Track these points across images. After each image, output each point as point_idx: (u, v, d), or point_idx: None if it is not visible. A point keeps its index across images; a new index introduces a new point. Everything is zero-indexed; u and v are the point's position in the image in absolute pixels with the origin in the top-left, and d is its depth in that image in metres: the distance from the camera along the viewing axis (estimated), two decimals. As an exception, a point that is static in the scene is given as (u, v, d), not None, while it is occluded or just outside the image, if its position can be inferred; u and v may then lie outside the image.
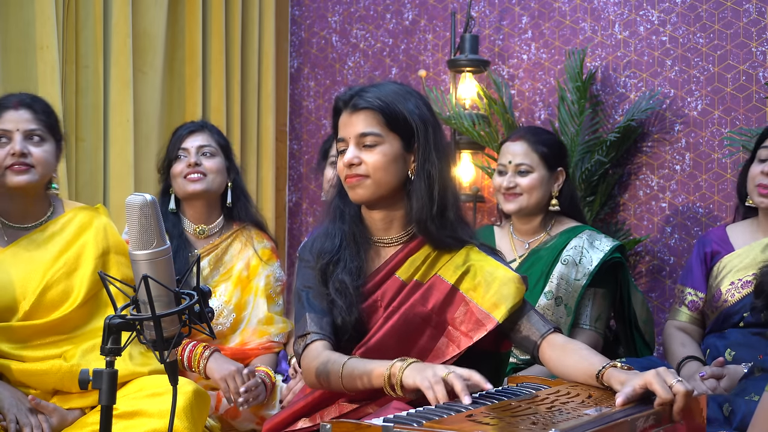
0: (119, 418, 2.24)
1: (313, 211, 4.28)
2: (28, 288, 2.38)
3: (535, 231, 2.92)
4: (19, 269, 2.40)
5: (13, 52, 3.11)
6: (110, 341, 1.49)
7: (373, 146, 2.00)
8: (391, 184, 2.02)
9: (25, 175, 2.38)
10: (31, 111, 2.42)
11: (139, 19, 3.53)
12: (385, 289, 2.06)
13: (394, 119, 2.01)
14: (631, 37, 3.70)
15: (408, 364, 1.81)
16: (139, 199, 1.53)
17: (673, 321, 2.95)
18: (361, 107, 2.01)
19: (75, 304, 2.41)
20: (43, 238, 2.46)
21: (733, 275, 2.82)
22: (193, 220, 2.96)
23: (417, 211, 2.02)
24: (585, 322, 2.81)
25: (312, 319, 2.00)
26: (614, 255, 2.82)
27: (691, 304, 2.92)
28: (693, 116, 3.59)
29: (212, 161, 2.92)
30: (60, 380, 2.36)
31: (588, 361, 1.87)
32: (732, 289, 2.80)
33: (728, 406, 2.40)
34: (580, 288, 2.77)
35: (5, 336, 2.35)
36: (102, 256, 2.48)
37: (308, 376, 1.96)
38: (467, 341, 2.00)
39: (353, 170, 2.00)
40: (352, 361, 1.90)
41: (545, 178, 2.86)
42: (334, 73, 4.25)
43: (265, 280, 2.98)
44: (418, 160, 2.03)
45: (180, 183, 2.90)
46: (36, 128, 2.41)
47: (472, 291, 2.04)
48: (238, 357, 2.86)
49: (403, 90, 2.06)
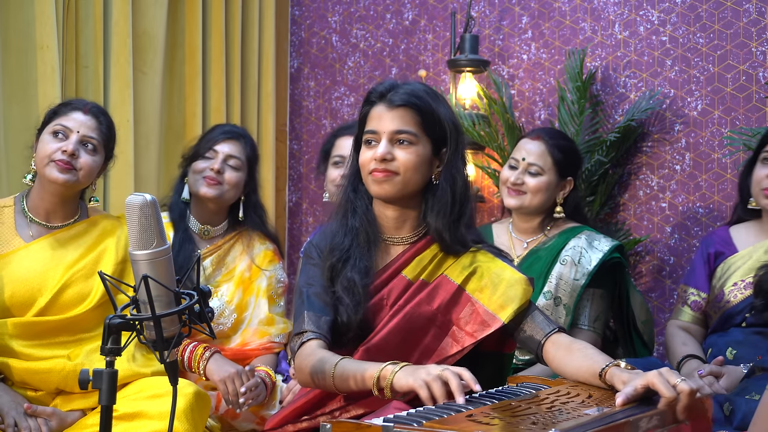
0: (119, 420, 2.24)
1: (313, 211, 4.28)
2: (47, 285, 2.42)
3: (534, 231, 2.92)
4: (40, 265, 2.44)
5: (13, 52, 3.11)
6: (110, 341, 1.49)
7: (407, 145, 2.00)
8: (416, 185, 2.03)
9: (66, 174, 2.42)
10: (96, 120, 2.50)
11: (139, 19, 3.53)
12: (391, 287, 2.06)
13: (430, 121, 2.02)
14: (631, 37, 3.70)
15: (400, 367, 1.80)
16: (139, 199, 1.53)
17: (675, 320, 2.95)
18: (399, 104, 2.00)
19: (90, 305, 2.44)
20: (67, 238, 2.50)
21: (736, 276, 2.82)
22: (198, 219, 2.96)
23: (435, 217, 2.03)
24: (584, 322, 2.81)
25: (310, 317, 2.00)
26: (614, 255, 2.81)
27: (693, 304, 2.92)
28: (693, 116, 3.59)
29: (234, 174, 2.92)
30: (63, 379, 2.37)
31: (591, 360, 1.87)
32: (735, 290, 2.81)
33: (729, 405, 2.40)
34: (579, 288, 2.77)
35: (18, 330, 2.38)
36: (121, 263, 2.53)
37: (302, 374, 1.96)
38: (470, 339, 2.00)
39: (384, 165, 1.99)
40: (345, 361, 1.89)
41: (553, 183, 2.85)
42: (334, 73, 4.25)
43: (267, 281, 2.98)
44: (444, 166, 2.03)
45: (196, 180, 2.91)
46: (94, 137, 2.48)
47: (479, 292, 2.04)
48: (239, 357, 2.86)
49: (433, 92, 2.06)
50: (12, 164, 3.06)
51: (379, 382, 1.81)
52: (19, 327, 2.38)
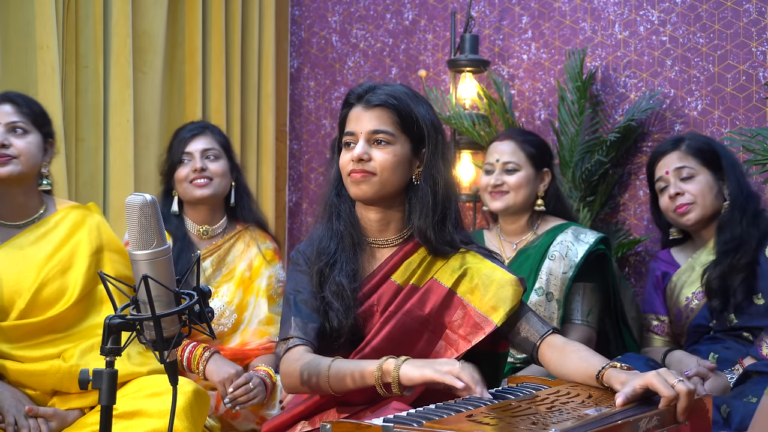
0: (119, 418, 2.24)
1: (313, 211, 4.27)
2: (23, 286, 2.38)
3: (521, 231, 2.96)
4: (13, 268, 2.40)
5: (13, 52, 3.11)
6: (110, 341, 1.49)
7: (384, 145, 2.00)
8: (395, 186, 2.02)
9: (7, 166, 2.39)
10: (13, 104, 2.45)
11: (139, 19, 3.53)
12: (381, 293, 2.04)
13: (408, 121, 2.01)
14: (631, 37, 3.70)
15: (403, 360, 1.80)
16: (139, 199, 1.53)
17: (647, 349, 2.98)
18: (376, 104, 2.00)
19: (70, 301, 2.41)
20: (36, 236, 2.46)
21: (687, 290, 2.88)
22: (196, 221, 2.96)
23: (418, 218, 2.02)
24: (577, 317, 2.84)
25: (296, 323, 1.98)
26: (599, 246, 2.85)
27: (657, 328, 2.98)
28: (693, 116, 3.58)
29: (217, 164, 2.92)
30: (59, 381, 2.36)
31: (588, 362, 1.87)
32: (690, 302, 2.86)
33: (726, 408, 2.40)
34: (567, 280, 2.82)
35: (3, 336, 2.35)
36: (96, 254, 2.48)
37: (289, 378, 1.94)
38: (465, 345, 2.00)
39: (361, 166, 1.99)
40: (339, 360, 1.89)
41: (532, 177, 2.92)
42: (334, 73, 4.25)
43: (267, 280, 2.98)
44: (424, 166, 2.03)
45: (186, 188, 2.90)
46: (18, 120, 2.44)
47: (470, 294, 2.03)
48: (239, 357, 2.86)
49: (413, 93, 2.06)
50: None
51: (384, 377, 1.80)
52: (3, 332, 2.35)
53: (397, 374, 1.79)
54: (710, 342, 2.80)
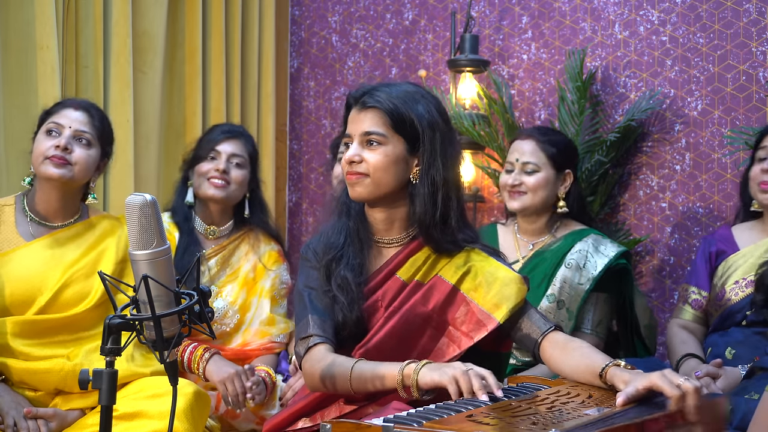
0: (119, 420, 2.24)
1: (313, 211, 4.27)
2: (48, 283, 2.43)
3: (540, 232, 2.90)
4: (41, 265, 2.45)
5: (13, 51, 3.11)
6: (110, 341, 1.49)
7: (376, 146, 2.00)
8: (390, 185, 2.02)
9: (61, 169, 2.43)
10: (87, 115, 2.51)
11: (139, 19, 3.52)
12: (386, 289, 2.05)
13: (400, 121, 2.01)
14: (631, 37, 3.70)
15: (423, 364, 1.82)
16: (139, 199, 1.53)
17: (676, 319, 2.95)
18: (369, 106, 2.01)
19: (90, 304, 2.45)
20: (68, 237, 2.51)
21: (738, 274, 2.82)
22: (204, 220, 2.96)
23: (419, 216, 2.02)
24: (587, 326, 2.80)
25: (315, 321, 2.00)
26: (620, 261, 2.80)
27: (694, 302, 2.92)
28: (693, 116, 3.58)
29: (239, 172, 2.92)
30: (62, 379, 2.37)
31: (590, 359, 1.87)
32: (736, 288, 2.81)
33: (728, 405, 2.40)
34: (583, 293, 2.76)
35: (17, 329, 2.38)
36: (121, 263, 2.54)
37: (311, 379, 1.96)
38: (468, 341, 2.00)
39: (353, 167, 2.01)
40: (361, 363, 1.90)
41: (552, 178, 2.85)
42: (334, 73, 4.25)
43: (271, 282, 2.98)
44: (422, 165, 2.02)
45: (202, 183, 2.91)
46: (87, 131, 2.49)
47: (473, 291, 2.04)
48: (240, 357, 2.86)
49: (416, 92, 2.05)
50: (12, 164, 3.06)
51: (404, 381, 1.82)
52: (18, 325, 2.38)
53: (416, 378, 1.80)
54: (736, 330, 2.77)
